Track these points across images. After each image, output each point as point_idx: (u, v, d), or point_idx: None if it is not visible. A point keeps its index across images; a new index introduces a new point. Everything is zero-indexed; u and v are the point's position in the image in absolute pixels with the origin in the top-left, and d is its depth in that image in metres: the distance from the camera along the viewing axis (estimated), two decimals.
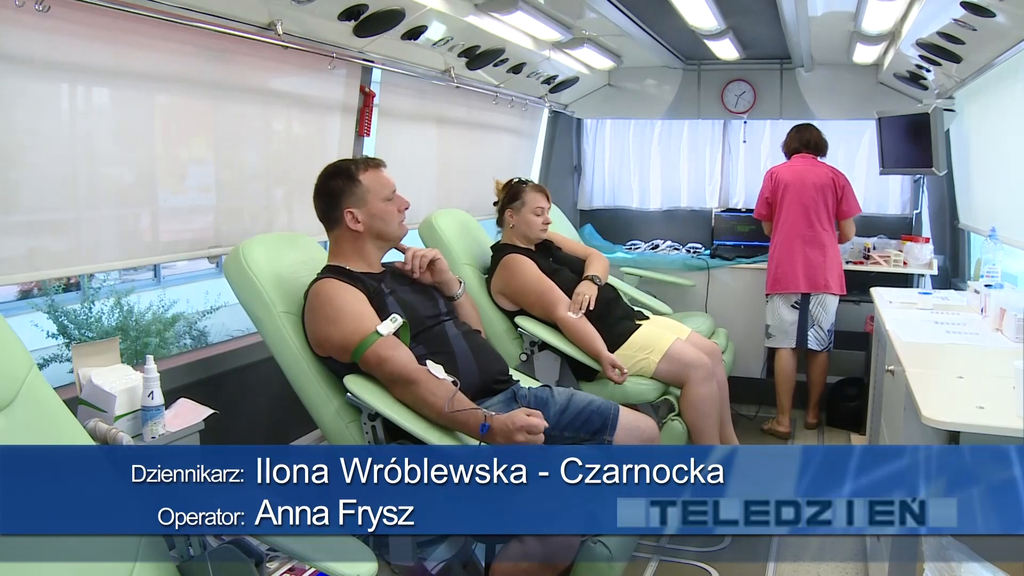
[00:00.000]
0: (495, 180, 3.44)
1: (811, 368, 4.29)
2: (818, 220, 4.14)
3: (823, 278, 4.13)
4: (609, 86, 5.04)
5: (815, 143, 4.26)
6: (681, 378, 3.03)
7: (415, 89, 3.53)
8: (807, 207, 4.14)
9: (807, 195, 4.14)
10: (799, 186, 4.16)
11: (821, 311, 4.17)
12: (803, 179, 4.16)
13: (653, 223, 5.34)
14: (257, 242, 2.39)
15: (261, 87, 2.70)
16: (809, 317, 4.18)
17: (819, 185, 4.13)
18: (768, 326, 4.30)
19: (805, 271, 4.15)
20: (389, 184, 2.39)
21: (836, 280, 4.16)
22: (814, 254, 4.14)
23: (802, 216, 4.15)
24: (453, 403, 2.03)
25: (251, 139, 2.72)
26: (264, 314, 2.28)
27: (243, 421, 2.74)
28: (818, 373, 4.28)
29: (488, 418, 1.99)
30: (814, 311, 4.18)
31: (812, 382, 4.31)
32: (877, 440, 2.80)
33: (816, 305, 4.17)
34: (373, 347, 2.11)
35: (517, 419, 1.98)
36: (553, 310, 3.06)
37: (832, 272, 4.15)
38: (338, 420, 2.23)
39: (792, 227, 4.18)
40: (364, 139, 3.23)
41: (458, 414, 2.02)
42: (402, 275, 2.48)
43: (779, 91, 4.84)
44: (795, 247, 4.16)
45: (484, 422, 1.98)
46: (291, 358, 2.26)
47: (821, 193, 4.13)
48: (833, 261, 4.16)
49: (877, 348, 3.07)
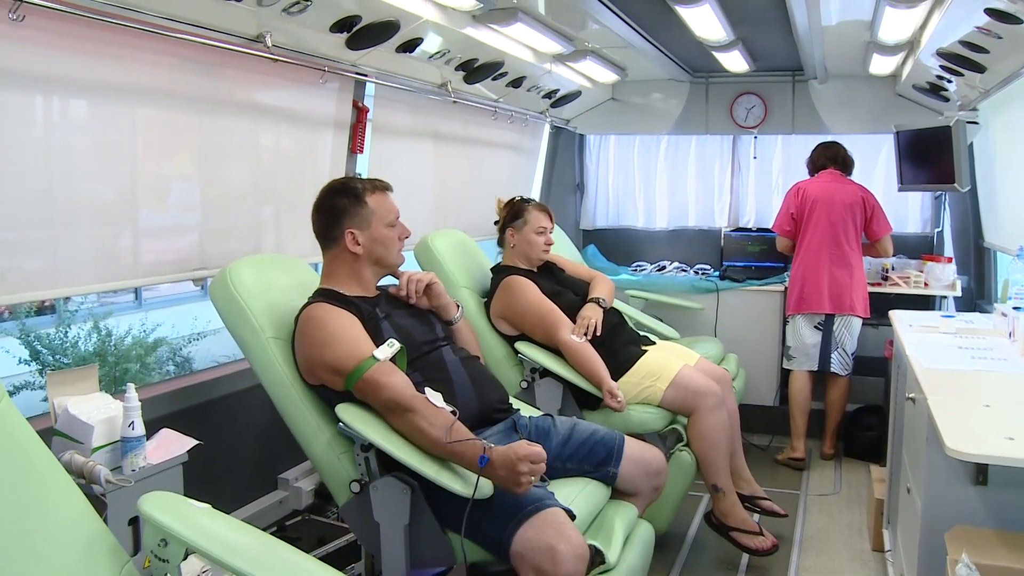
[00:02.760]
0: (497, 198, 3.44)
1: (830, 394, 4.27)
2: (846, 239, 4.13)
3: (849, 299, 4.12)
4: (613, 100, 5.06)
5: (843, 160, 4.28)
6: (689, 406, 3.01)
7: (410, 104, 3.54)
8: (835, 225, 4.14)
9: (836, 213, 4.14)
10: (828, 203, 4.16)
11: (846, 334, 4.16)
12: (832, 196, 4.17)
13: (659, 243, 5.34)
14: (245, 264, 2.38)
15: (249, 101, 2.70)
16: (833, 339, 4.17)
17: (848, 203, 4.14)
18: (788, 347, 4.28)
19: (831, 291, 4.14)
20: (394, 210, 2.39)
21: (861, 302, 4.15)
22: (841, 274, 4.13)
23: (830, 234, 4.15)
24: (452, 433, 2.00)
25: (238, 155, 2.72)
26: (252, 339, 2.27)
27: (229, 452, 2.71)
28: (837, 400, 4.26)
29: (488, 450, 1.96)
30: (838, 333, 4.16)
31: (830, 409, 4.28)
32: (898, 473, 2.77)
33: (841, 327, 4.16)
34: (370, 372, 2.09)
35: (519, 449, 1.94)
36: (555, 334, 3.04)
37: (858, 293, 4.14)
38: (329, 451, 2.21)
39: (819, 245, 4.17)
40: (357, 156, 3.23)
41: (456, 446, 1.99)
42: (397, 299, 2.47)
43: (791, 104, 4.85)
44: (821, 266, 4.15)
45: (483, 454, 1.95)
46: (280, 386, 2.24)
47: (850, 211, 4.13)
48: (859, 282, 4.15)
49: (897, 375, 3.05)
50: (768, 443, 4.47)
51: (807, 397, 4.24)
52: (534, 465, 1.94)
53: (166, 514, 1.38)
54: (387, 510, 2.09)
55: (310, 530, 2.95)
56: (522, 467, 1.92)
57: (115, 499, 1.84)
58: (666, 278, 4.92)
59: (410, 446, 2.06)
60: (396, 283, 2.49)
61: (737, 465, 3.24)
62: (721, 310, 4.66)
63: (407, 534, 2.07)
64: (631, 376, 3.07)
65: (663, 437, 3.12)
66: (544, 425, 2.45)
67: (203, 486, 2.01)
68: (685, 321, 4.56)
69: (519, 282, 3.15)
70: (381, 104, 3.35)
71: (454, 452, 2.00)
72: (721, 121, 4.97)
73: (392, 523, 2.08)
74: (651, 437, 3.01)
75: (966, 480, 1.90)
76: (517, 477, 1.93)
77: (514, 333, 3.15)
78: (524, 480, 1.93)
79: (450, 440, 1.99)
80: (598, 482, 2.39)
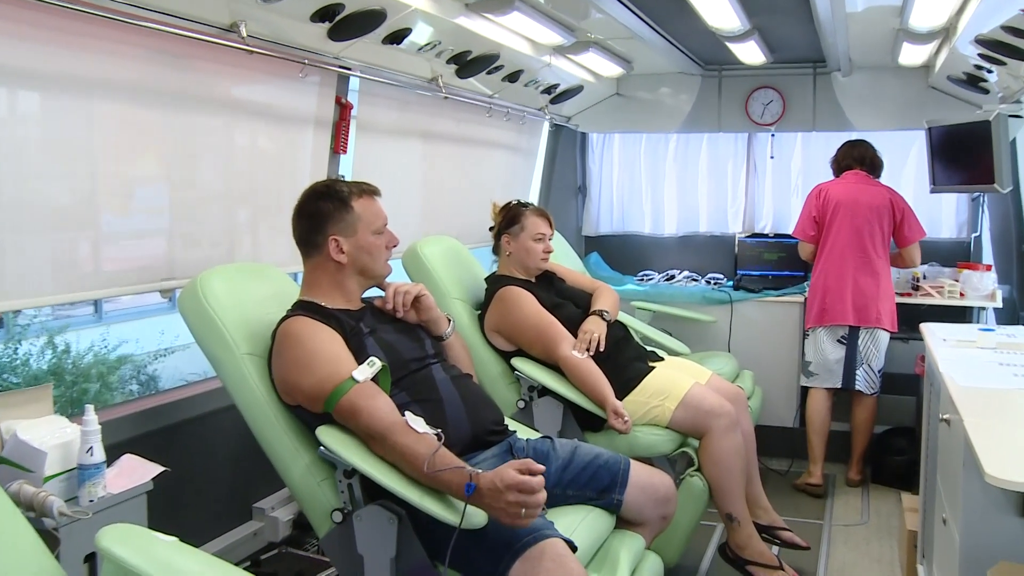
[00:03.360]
0: (491, 202, 3.45)
1: (856, 415, 4.25)
2: (872, 246, 4.13)
3: (875, 310, 4.11)
4: (618, 96, 5.08)
5: (870, 160, 4.28)
6: (701, 428, 3.01)
7: (398, 100, 3.55)
8: (860, 230, 4.13)
9: (861, 217, 4.14)
10: (852, 206, 4.16)
11: (872, 348, 4.15)
12: (857, 199, 4.17)
13: (668, 251, 5.35)
14: (217, 274, 2.37)
15: (222, 97, 2.71)
16: (858, 355, 4.16)
17: (875, 206, 4.13)
18: (808, 363, 4.27)
19: (855, 302, 4.13)
20: (382, 216, 2.40)
21: (888, 314, 4.14)
22: (866, 283, 4.12)
23: (854, 240, 4.14)
24: (434, 461, 1.99)
25: (210, 155, 2.72)
26: (225, 356, 2.26)
27: (199, 480, 2.70)
28: (864, 421, 4.24)
29: (474, 477, 1.95)
30: (864, 348, 4.16)
31: (857, 431, 4.26)
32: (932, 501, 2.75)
33: (867, 341, 4.15)
34: (348, 396, 2.09)
35: (506, 476, 1.90)
36: (555, 349, 3.04)
37: (885, 304, 4.13)
38: (309, 477, 2.20)
39: (843, 252, 4.17)
40: (340, 156, 3.24)
41: (440, 475, 1.98)
42: (384, 312, 2.47)
43: (812, 99, 4.86)
44: (845, 274, 4.15)
45: (470, 481, 1.94)
46: (256, 406, 2.23)
47: (877, 215, 4.13)
48: (886, 292, 4.15)
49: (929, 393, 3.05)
50: (788, 468, 4.46)
51: (825, 418, 4.23)
52: (524, 496, 1.88)
53: (127, 549, 1.36)
54: (372, 542, 2.08)
55: (287, 564, 2.94)
56: (509, 496, 1.88)
57: (69, 534, 1.82)
58: (675, 288, 4.92)
59: (397, 471, 2.05)
60: (382, 295, 2.49)
61: (754, 492, 3.24)
62: (735, 323, 4.66)
63: (393, 568, 2.06)
64: (637, 395, 3.06)
65: (672, 461, 3.11)
66: (543, 448, 2.45)
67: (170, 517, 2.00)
68: (696, 335, 4.56)
69: (516, 293, 3.15)
70: (366, 100, 3.35)
71: (439, 481, 1.99)
72: (735, 118, 4.98)
73: (377, 556, 2.07)
74: (659, 461, 3.00)
75: (1009, 510, 1.89)
76: (507, 508, 1.89)
77: (510, 348, 3.15)
78: (513, 512, 1.89)
79: (431, 470, 1.98)
80: (602, 510, 2.39)
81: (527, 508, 1.89)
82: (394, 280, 2.51)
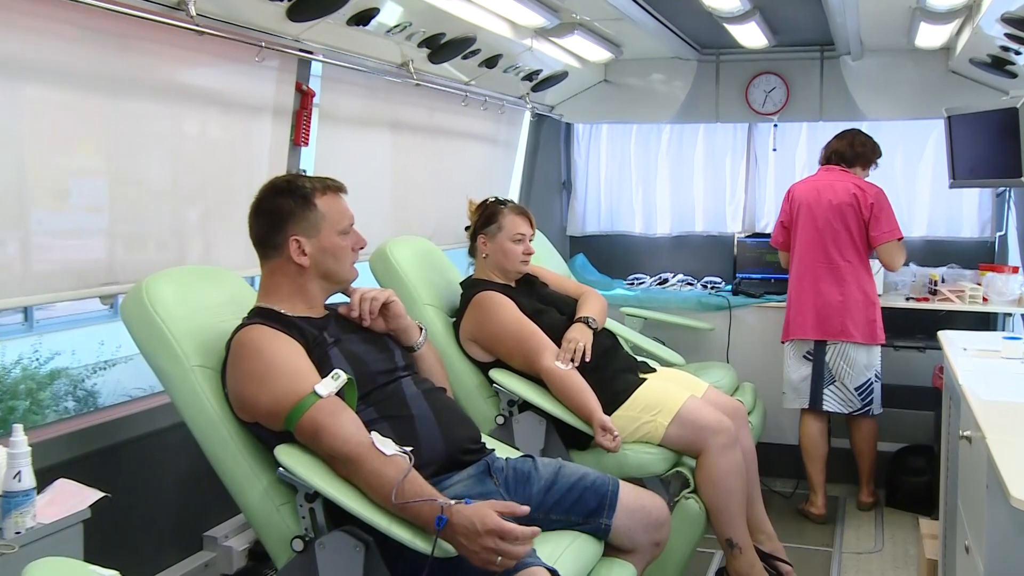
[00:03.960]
0: (468, 200, 3.45)
1: (854, 436, 4.28)
2: (836, 248, 4.11)
3: (839, 322, 4.09)
4: (606, 83, 5.10)
5: (840, 153, 4.24)
6: (697, 445, 3.02)
7: (365, 87, 3.55)
8: (822, 233, 4.13)
9: (821, 218, 4.13)
10: (813, 207, 4.16)
11: (843, 365, 4.12)
12: (818, 198, 4.16)
13: (661, 252, 5.37)
14: (165, 278, 2.36)
15: (169, 82, 2.69)
16: (827, 372, 4.14)
17: (836, 205, 4.11)
18: (783, 382, 4.31)
19: (817, 313, 4.13)
20: (348, 215, 2.40)
21: (862, 325, 4.09)
22: (830, 291, 4.11)
23: (816, 243, 4.14)
24: (403, 490, 1.99)
25: (157, 147, 2.70)
26: (174, 369, 2.25)
27: (144, 506, 2.68)
28: (863, 440, 4.26)
29: (446, 510, 1.95)
30: (833, 364, 4.13)
31: (859, 453, 4.29)
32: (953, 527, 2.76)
33: (835, 357, 4.13)
34: (309, 412, 2.08)
35: (487, 519, 1.92)
36: (537, 360, 3.05)
37: (854, 315, 4.08)
38: (267, 502, 2.19)
39: (803, 259, 4.19)
40: (301, 149, 3.24)
41: (408, 506, 1.98)
42: (349, 321, 2.46)
43: (818, 86, 4.89)
44: (806, 284, 4.17)
45: (441, 515, 1.94)
46: (208, 424, 2.22)
47: (839, 215, 4.10)
48: (856, 301, 4.09)
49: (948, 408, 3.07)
50: (793, 490, 4.49)
51: (819, 442, 4.22)
52: (504, 545, 1.90)
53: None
54: (336, 572, 2.08)
55: None
56: (487, 541, 1.91)
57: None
58: (669, 293, 4.95)
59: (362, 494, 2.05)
60: (347, 301, 2.49)
61: (756, 516, 3.25)
62: (734, 331, 4.69)
63: None
64: (627, 409, 3.07)
65: (666, 482, 3.12)
66: (524, 468, 2.45)
67: (110, 549, 2.00)
68: (692, 344, 4.59)
69: (493, 299, 3.16)
70: (330, 87, 3.35)
71: (406, 512, 2.00)
72: (734, 107, 5.02)
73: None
74: (651, 482, 3.01)
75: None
76: (481, 552, 1.92)
77: (488, 359, 3.16)
78: (488, 558, 1.91)
79: (400, 500, 1.98)
80: (588, 536, 2.39)
81: (505, 557, 1.91)
82: (361, 285, 2.50)
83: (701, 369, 3.97)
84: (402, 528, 1.99)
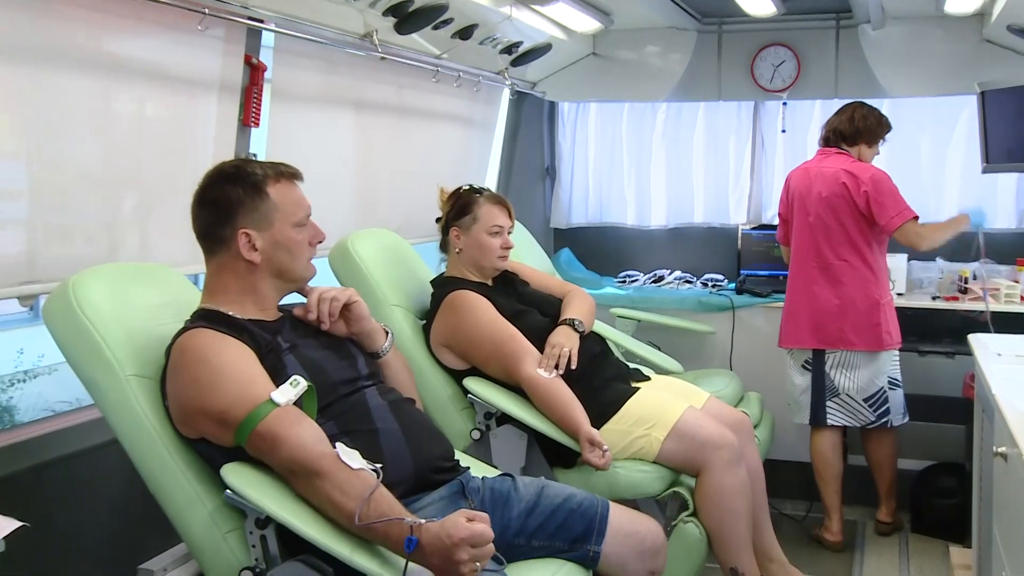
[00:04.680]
0: (439, 188, 3.45)
1: (869, 451, 4.28)
2: (829, 246, 4.09)
3: (836, 327, 4.08)
4: (594, 56, 5.11)
5: (839, 131, 4.19)
6: (697, 462, 3.03)
7: (323, 60, 3.53)
8: (813, 228, 4.11)
9: (812, 210, 4.12)
10: (805, 197, 4.16)
11: (844, 375, 4.11)
12: (810, 187, 4.14)
13: (656, 247, 5.39)
14: (95, 276, 2.35)
15: (98, 52, 2.66)
16: (827, 383, 4.14)
17: (825, 197, 4.07)
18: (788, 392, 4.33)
19: (812, 318, 4.13)
20: (304, 205, 2.40)
21: (864, 330, 4.06)
22: (824, 295, 4.09)
23: (807, 242, 4.14)
24: (368, 509, 1.99)
25: (84, 127, 2.67)
26: (105, 379, 2.23)
27: (69, 536, 2.66)
28: (881, 454, 4.25)
29: (416, 529, 1.95)
30: (836, 376, 4.12)
31: (877, 469, 4.30)
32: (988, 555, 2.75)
33: (837, 367, 4.12)
34: (265, 422, 2.08)
35: (454, 530, 1.93)
36: (516, 367, 3.05)
37: (853, 319, 4.06)
38: (212, 529, 2.18)
39: (796, 257, 4.21)
40: (251, 130, 3.22)
41: (375, 527, 1.99)
42: (306, 324, 2.46)
43: (833, 59, 4.89)
44: (800, 285, 4.17)
45: (411, 535, 1.94)
46: (145, 441, 2.21)
47: (828, 207, 4.06)
48: (854, 304, 4.06)
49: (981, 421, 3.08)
50: (806, 513, 4.50)
51: (829, 459, 4.20)
52: (476, 550, 1.93)
53: None
54: None
55: None
56: (461, 554, 1.92)
57: None
58: (665, 292, 4.96)
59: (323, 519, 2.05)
60: (304, 302, 2.49)
61: (764, 542, 3.27)
62: (738, 334, 4.71)
63: None
64: (618, 423, 3.09)
65: (662, 504, 3.14)
66: (502, 489, 2.46)
67: None
68: (691, 349, 4.61)
69: (468, 299, 3.16)
70: (283, 61, 3.34)
71: (373, 533, 2.00)
72: (739, 83, 5.04)
73: None
74: (646, 504, 3.03)
75: None
76: (456, 567, 1.93)
77: (462, 367, 3.16)
78: (466, 571, 1.93)
79: (364, 522, 1.98)
80: (575, 564, 2.40)
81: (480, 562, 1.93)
82: (319, 284, 2.50)
83: (701, 377, 3.99)
84: (367, 557, 1.99)
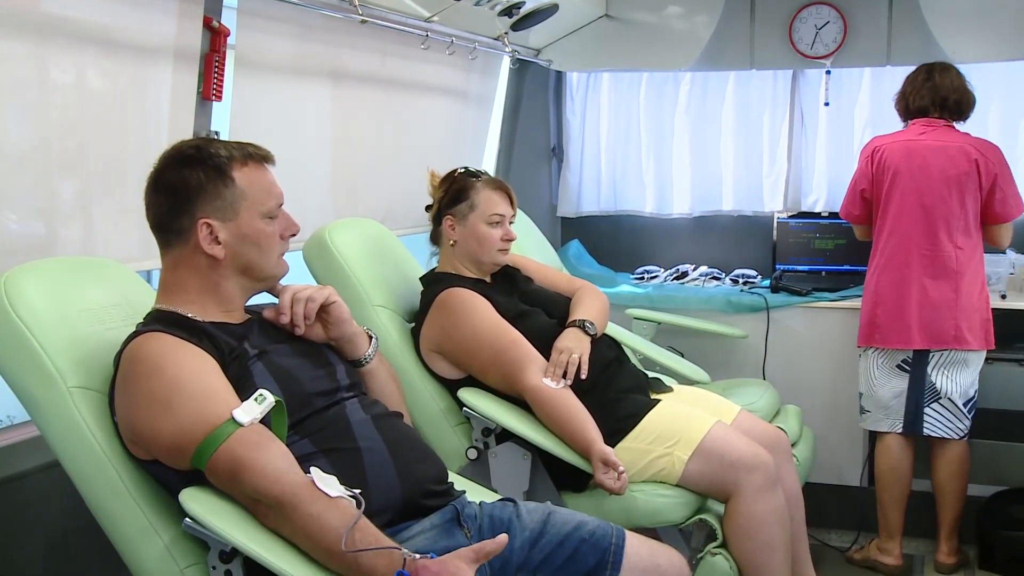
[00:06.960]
0: (429, 171, 3.45)
1: (938, 471, 4.24)
2: (947, 232, 4.07)
3: (953, 325, 4.06)
4: (607, 18, 5.10)
5: (954, 102, 4.16)
6: (726, 486, 3.03)
7: (296, 24, 3.54)
8: (929, 210, 4.08)
9: (932, 191, 4.07)
10: (918, 175, 4.10)
11: (950, 377, 4.10)
12: (926, 164, 4.10)
13: (679, 238, 5.40)
14: (31, 273, 2.34)
15: (31, 12, 2.65)
16: (927, 387, 4.13)
17: (953, 176, 4.04)
18: (861, 395, 4.31)
19: (922, 315, 4.09)
20: (275, 193, 2.40)
21: (978, 327, 4.07)
22: (939, 288, 4.07)
23: (921, 224, 4.10)
24: (353, 538, 1.99)
25: (14, 97, 2.66)
26: (44, 392, 2.23)
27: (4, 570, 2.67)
28: (951, 480, 4.21)
29: (409, 563, 1.96)
30: (938, 378, 4.11)
31: (941, 493, 4.26)
32: None
33: (941, 368, 4.11)
34: (226, 445, 2.07)
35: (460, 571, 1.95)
36: (519, 376, 3.05)
37: (970, 315, 4.06)
38: (169, 563, 2.18)
39: (902, 244, 4.14)
40: (212, 105, 3.22)
41: (361, 557, 1.98)
42: (277, 327, 2.46)
43: (887, 20, 4.86)
44: (907, 277, 4.12)
45: (402, 569, 1.95)
46: (90, 463, 2.21)
47: (956, 189, 4.04)
48: (970, 298, 4.07)
49: None
50: (851, 543, 4.51)
51: (902, 474, 4.21)
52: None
53: None
54: None
55: None
56: None
57: None
58: (689, 290, 4.97)
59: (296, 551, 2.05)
60: (275, 303, 2.49)
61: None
62: (773, 339, 4.71)
63: None
64: (635, 440, 3.09)
65: (686, 533, 3.15)
66: (503, 516, 2.46)
67: None
68: (719, 356, 4.61)
69: (463, 298, 3.16)
70: (249, 24, 3.34)
71: (358, 567, 2.00)
72: (774, 49, 5.03)
73: None
74: (667, 533, 3.03)
75: None
76: None
77: (457, 375, 3.17)
78: None
79: (350, 550, 1.98)
80: None
81: None
82: (293, 282, 2.50)
83: (731, 388, 3.99)
84: None
